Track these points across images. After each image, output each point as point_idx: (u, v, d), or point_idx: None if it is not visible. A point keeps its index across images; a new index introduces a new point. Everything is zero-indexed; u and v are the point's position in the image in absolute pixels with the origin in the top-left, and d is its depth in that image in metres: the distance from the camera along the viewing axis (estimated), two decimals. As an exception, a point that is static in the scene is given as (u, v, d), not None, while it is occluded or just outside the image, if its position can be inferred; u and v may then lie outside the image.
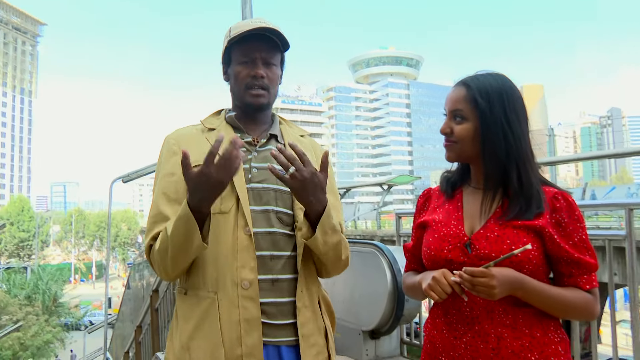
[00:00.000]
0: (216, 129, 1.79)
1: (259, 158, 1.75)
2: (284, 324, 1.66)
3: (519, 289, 1.46)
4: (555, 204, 1.53)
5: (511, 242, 1.50)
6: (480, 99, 1.56)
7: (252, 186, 1.70)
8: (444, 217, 1.67)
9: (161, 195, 1.69)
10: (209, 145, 1.62)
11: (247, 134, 1.80)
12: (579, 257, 1.49)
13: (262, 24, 1.72)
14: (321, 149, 1.86)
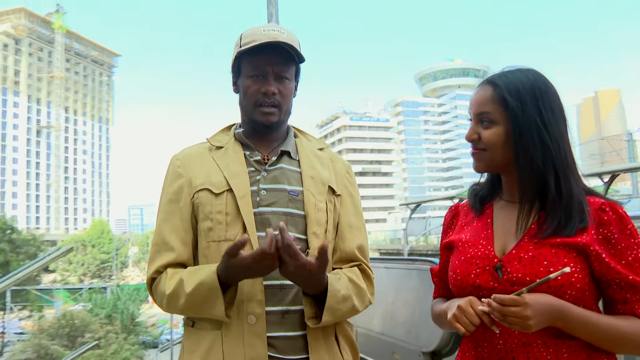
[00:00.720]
0: (224, 146, 1.70)
1: (268, 179, 1.64)
2: (296, 359, 1.54)
3: (559, 318, 1.27)
4: (602, 216, 1.33)
5: (548, 263, 1.31)
6: (509, 98, 1.40)
7: (260, 210, 1.59)
8: (472, 236, 1.50)
9: (165, 223, 1.62)
10: (215, 166, 1.62)
11: (257, 151, 1.69)
12: (635, 280, 1.28)
13: (274, 35, 1.60)
14: (343, 163, 1.80)
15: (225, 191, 1.59)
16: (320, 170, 1.70)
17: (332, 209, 1.67)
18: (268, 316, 1.53)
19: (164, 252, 1.60)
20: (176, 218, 1.62)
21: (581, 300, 1.32)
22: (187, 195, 1.63)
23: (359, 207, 1.79)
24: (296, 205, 1.62)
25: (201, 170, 1.64)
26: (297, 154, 1.73)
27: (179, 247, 1.59)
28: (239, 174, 1.62)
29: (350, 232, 1.70)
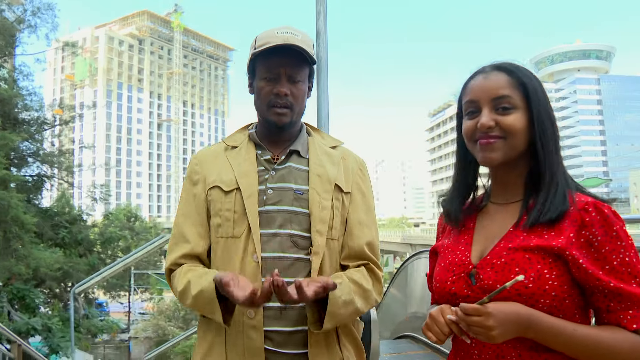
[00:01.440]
0: (238, 146, 1.75)
1: (276, 177, 1.67)
2: (294, 353, 1.57)
3: (528, 328, 1.18)
4: (584, 217, 1.22)
5: (520, 269, 1.22)
6: (529, 82, 1.32)
7: (266, 209, 1.62)
8: (453, 242, 1.44)
9: (182, 217, 1.70)
10: (228, 165, 1.69)
11: (269, 150, 1.73)
12: (617, 287, 1.17)
13: (287, 38, 1.62)
14: (356, 160, 1.80)
15: (234, 189, 1.65)
16: (328, 168, 1.71)
17: (339, 207, 1.67)
18: (266, 311, 1.57)
19: (181, 244, 1.67)
20: (193, 213, 1.69)
21: (560, 310, 1.21)
22: (202, 192, 1.70)
23: (371, 204, 1.78)
24: (301, 203, 1.65)
25: (215, 168, 1.71)
26: (308, 153, 1.75)
27: (195, 240, 1.66)
28: (248, 173, 1.67)
29: (360, 229, 1.70)
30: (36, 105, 19.60)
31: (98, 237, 21.56)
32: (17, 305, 15.43)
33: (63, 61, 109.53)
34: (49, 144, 21.31)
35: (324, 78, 2.72)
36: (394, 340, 7.15)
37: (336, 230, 1.65)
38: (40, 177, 19.77)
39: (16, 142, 16.18)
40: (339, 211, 1.67)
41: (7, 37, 17.87)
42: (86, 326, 18.53)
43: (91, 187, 23.10)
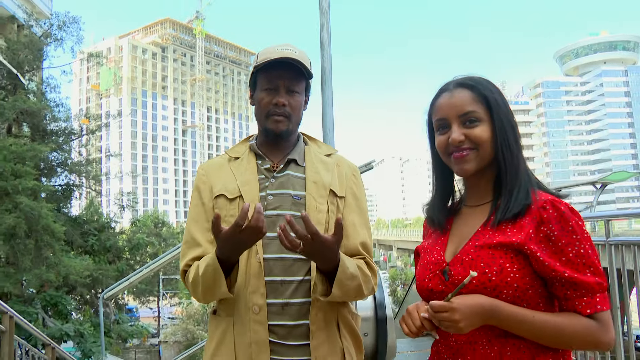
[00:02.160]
0: (240, 157, 1.88)
1: (275, 185, 1.80)
2: (296, 344, 1.70)
3: (491, 317, 1.30)
4: (542, 215, 1.33)
5: (485, 265, 1.34)
6: (490, 95, 1.44)
7: (267, 214, 1.72)
8: (431, 243, 1.56)
9: (193, 222, 1.83)
10: (231, 175, 1.83)
11: (268, 159, 1.86)
12: (571, 277, 1.29)
13: (286, 53, 1.76)
14: (349, 166, 1.93)
15: (237, 197, 1.79)
16: (323, 175, 1.85)
17: (333, 210, 1.81)
18: (269, 307, 1.70)
19: (193, 248, 1.79)
20: (202, 219, 1.82)
21: (523, 299, 1.33)
22: (209, 200, 1.83)
23: (364, 207, 1.91)
24: (298, 208, 1.78)
25: (220, 178, 1.84)
26: (304, 161, 1.88)
27: (205, 244, 1.78)
28: (250, 182, 1.81)
29: (354, 229, 1.82)
30: (63, 116, 20.02)
31: (126, 243, 21.89)
32: (51, 312, 15.80)
33: (88, 71, 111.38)
34: (77, 153, 21.72)
35: (328, 88, 2.81)
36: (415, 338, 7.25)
37: (331, 232, 1.72)
38: (69, 186, 20.18)
39: (45, 152, 16.57)
40: (334, 214, 1.80)
41: (35, 51, 18.32)
42: (117, 331, 18.85)
43: (118, 194, 23.48)
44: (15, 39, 17.77)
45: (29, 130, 18.49)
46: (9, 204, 13.24)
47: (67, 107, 20.99)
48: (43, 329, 13.48)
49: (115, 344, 20.05)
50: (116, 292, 8.34)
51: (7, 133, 16.95)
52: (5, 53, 16.79)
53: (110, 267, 18.68)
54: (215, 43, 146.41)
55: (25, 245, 13.44)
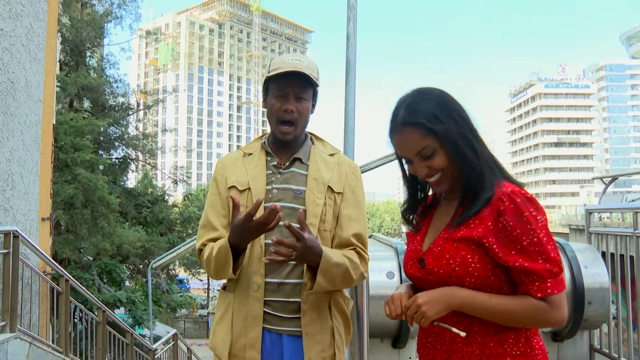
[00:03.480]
0: (253, 153, 2.14)
1: (281, 180, 2.04)
2: (288, 317, 1.95)
3: (451, 301, 1.48)
4: (500, 207, 1.47)
5: (450, 256, 1.51)
6: (434, 126, 1.54)
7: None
8: (414, 231, 1.73)
9: (210, 209, 2.09)
10: (244, 169, 2.08)
11: (276, 157, 2.10)
12: (522, 265, 1.44)
13: (295, 65, 1.99)
14: (350, 165, 2.16)
15: (247, 189, 2.02)
16: (323, 172, 2.06)
17: (331, 204, 2.02)
18: (267, 285, 1.94)
19: (209, 231, 2.05)
20: (218, 205, 2.07)
21: (486, 286, 1.49)
22: (224, 190, 2.07)
23: (360, 202, 2.10)
24: (299, 201, 2.00)
25: (234, 172, 2.08)
26: (309, 159, 2.10)
27: (220, 228, 2.03)
28: (258, 176, 2.04)
29: (349, 222, 2.02)
30: (122, 92, 20.69)
31: (178, 216, 22.56)
32: (105, 279, 16.59)
33: (147, 47, 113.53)
34: (134, 128, 22.39)
35: (352, 79, 2.96)
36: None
37: (328, 223, 2.00)
38: (126, 160, 20.91)
39: (103, 127, 17.25)
40: (331, 208, 2.01)
41: (96, 29, 18.93)
42: (166, 301, 19.59)
43: (173, 168, 24.12)
44: (78, 17, 18.44)
45: (89, 105, 19.25)
46: (68, 176, 13.92)
47: (125, 83, 21.61)
48: (98, 294, 14.22)
49: (164, 313, 20.86)
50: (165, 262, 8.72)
51: (69, 107, 17.71)
52: (69, 31, 17.48)
53: (162, 239, 19.34)
54: (272, 20, 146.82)
55: (82, 215, 14.14)
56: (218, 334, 2.01)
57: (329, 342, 1.97)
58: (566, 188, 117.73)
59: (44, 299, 6.15)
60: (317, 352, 1.93)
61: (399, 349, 4.05)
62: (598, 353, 4.20)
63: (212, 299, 38.31)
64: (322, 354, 1.94)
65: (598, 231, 4.54)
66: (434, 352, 1.59)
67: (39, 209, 6.45)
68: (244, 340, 1.94)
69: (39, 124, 6.47)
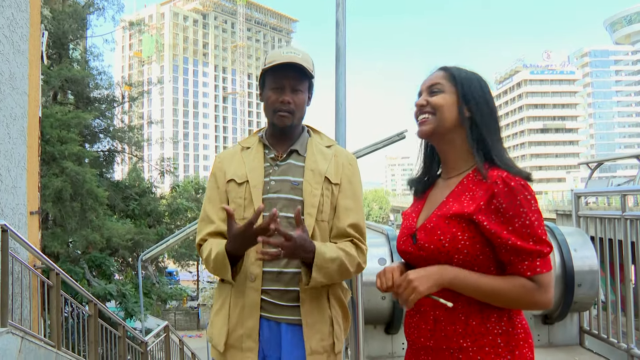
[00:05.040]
0: (250, 147, 2.15)
1: (278, 172, 2.06)
2: (287, 305, 1.96)
3: (442, 277, 1.50)
4: (493, 189, 1.50)
5: (441, 232, 1.54)
6: (458, 75, 1.65)
7: (269, 196, 2.01)
8: (411, 210, 1.79)
9: (208, 202, 2.11)
10: (242, 162, 2.10)
11: (274, 149, 2.12)
12: (514, 243, 1.46)
13: (291, 57, 2.01)
14: (347, 156, 2.16)
15: (245, 182, 2.04)
16: (320, 164, 2.08)
17: (328, 195, 2.04)
18: (266, 275, 1.96)
19: (208, 225, 2.08)
20: (217, 200, 2.09)
21: (474, 264, 1.53)
22: (222, 184, 2.09)
23: (357, 192, 2.12)
24: (296, 192, 2.02)
25: (232, 165, 2.10)
26: (306, 151, 2.12)
27: (218, 221, 2.05)
28: (256, 169, 2.06)
29: (345, 212, 2.04)
30: (106, 84, 20.48)
31: (166, 208, 22.46)
32: (95, 273, 16.50)
33: (130, 39, 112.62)
34: (119, 120, 22.22)
35: (342, 65, 2.94)
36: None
37: (325, 214, 2.02)
38: (112, 152, 20.75)
39: (88, 120, 17.09)
40: (328, 198, 2.03)
41: (78, 20, 18.69)
42: (156, 293, 19.54)
43: (159, 160, 24.00)
44: (60, 9, 18.20)
45: (73, 97, 19.06)
46: (55, 169, 13.81)
47: (109, 74, 21.39)
48: (88, 287, 14.16)
49: (155, 305, 20.82)
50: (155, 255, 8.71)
51: (53, 100, 17.53)
52: (51, 23, 17.26)
53: (151, 231, 19.25)
54: (256, 9, 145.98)
55: (72, 208, 14.04)
56: (215, 324, 2.03)
57: (328, 331, 1.99)
58: (553, 174, 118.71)
59: (34, 293, 6.12)
60: (317, 341, 1.95)
61: (392, 335, 4.08)
62: (588, 334, 4.25)
63: (202, 290, 38.29)
64: (322, 343, 1.96)
65: (586, 214, 4.59)
66: (418, 332, 1.62)
67: (27, 203, 6.40)
68: (240, 330, 1.95)
69: (25, 116, 6.40)
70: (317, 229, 1.98)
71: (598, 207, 25.17)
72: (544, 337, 4.22)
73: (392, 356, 4.05)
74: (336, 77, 2.98)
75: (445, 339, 1.54)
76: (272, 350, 1.96)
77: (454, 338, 1.52)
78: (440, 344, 1.55)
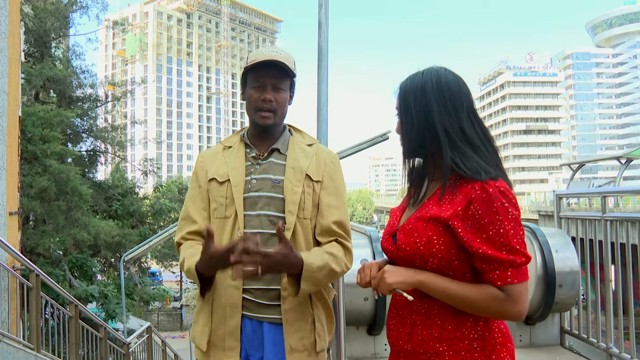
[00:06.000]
0: (232, 146, 2.15)
1: (259, 170, 2.06)
2: (268, 304, 1.95)
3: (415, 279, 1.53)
4: (471, 194, 1.48)
5: (417, 234, 1.55)
6: (400, 100, 1.66)
7: (249, 195, 2.01)
8: (397, 209, 1.80)
9: (190, 202, 2.12)
10: (224, 161, 2.10)
11: (255, 148, 2.11)
12: (485, 252, 1.45)
13: (272, 55, 2.01)
14: (328, 154, 2.17)
15: (226, 180, 2.04)
16: (301, 162, 2.08)
17: (310, 192, 2.03)
18: None
19: (189, 224, 2.08)
20: (198, 199, 2.09)
21: (449, 269, 1.53)
22: (204, 183, 2.09)
23: (340, 189, 2.12)
24: (277, 190, 2.01)
25: (214, 165, 2.10)
26: (287, 150, 2.11)
27: (199, 220, 2.06)
28: (237, 168, 2.06)
29: (329, 210, 2.04)
30: (89, 83, 20.35)
31: (149, 209, 22.34)
32: (77, 274, 16.35)
33: (114, 38, 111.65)
34: (102, 119, 22.06)
35: (324, 66, 2.93)
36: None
37: (307, 211, 2.01)
38: (95, 152, 20.62)
39: (71, 118, 16.93)
40: (310, 196, 2.03)
41: (61, 19, 18.54)
42: (139, 294, 19.41)
43: (143, 160, 23.86)
44: (42, 7, 18.01)
45: (55, 96, 18.87)
46: (38, 167, 13.67)
47: (92, 74, 21.26)
48: (69, 289, 14.01)
49: (137, 306, 20.66)
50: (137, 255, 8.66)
51: (35, 99, 17.34)
52: (33, 21, 17.07)
53: (133, 232, 19.14)
54: (240, 9, 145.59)
55: (58, 207, 13.92)
56: (197, 324, 2.03)
57: (310, 329, 1.98)
58: (535, 175, 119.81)
59: (13, 295, 6.02)
60: (298, 339, 1.94)
61: (374, 336, 4.08)
62: (568, 334, 4.29)
63: (185, 291, 38.09)
64: (303, 341, 1.95)
65: (568, 215, 4.63)
66: (397, 335, 1.62)
67: (6, 203, 6.31)
68: (222, 329, 1.95)
69: (4, 115, 6.30)
70: (299, 226, 1.98)
71: (580, 208, 25.46)
72: (526, 338, 4.25)
73: (374, 357, 4.04)
74: (318, 78, 2.98)
75: (422, 343, 1.54)
76: (255, 349, 1.96)
77: (430, 342, 1.53)
78: (417, 348, 1.56)
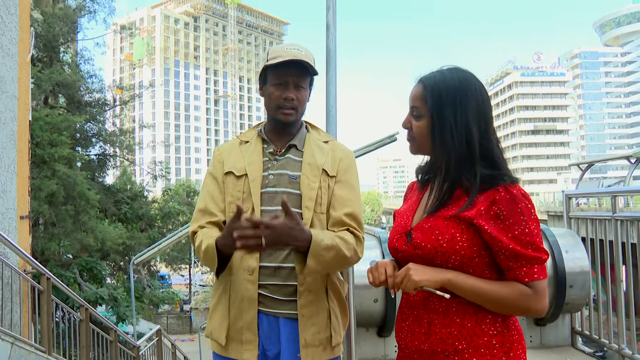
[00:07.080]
0: (249, 141, 2.17)
1: (277, 166, 2.08)
2: (285, 300, 1.97)
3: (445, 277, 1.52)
4: (495, 196, 1.52)
5: (439, 232, 1.55)
6: (430, 99, 1.61)
7: (267, 190, 2.04)
8: (405, 209, 1.77)
9: (207, 193, 2.12)
10: (241, 156, 2.12)
11: (273, 144, 2.14)
12: (514, 249, 1.49)
13: (294, 54, 2.02)
14: (343, 151, 2.19)
15: (244, 175, 2.06)
16: (318, 158, 2.10)
17: (326, 187, 2.06)
18: (263, 269, 1.98)
19: (205, 215, 2.08)
20: (215, 191, 2.10)
21: (470, 266, 1.54)
22: (221, 176, 2.10)
23: (354, 184, 2.13)
24: (294, 186, 2.04)
25: (231, 158, 2.12)
26: (304, 146, 2.13)
27: (216, 212, 2.06)
28: (254, 163, 2.08)
29: (341, 202, 2.05)
30: (97, 87, 20.46)
31: (158, 212, 22.43)
32: (86, 277, 16.42)
33: (122, 42, 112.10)
34: (111, 123, 22.15)
35: (333, 68, 2.94)
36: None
37: (324, 206, 2.03)
38: (104, 156, 20.72)
39: (79, 123, 17.03)
40: (326, 190, 2.05)
41: (69, 23, 18.64)
42: (148, 297, 19.48)
43: (151, 164, 23.95)
44: (50, 12, 18.13)
45: (64, 101, 18.98)
46: (47, 171, 13.75)
47: (100, 78, 21.40)
48: (79, 292, 14.08)
49: (147, 309, 20.73)
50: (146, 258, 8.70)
51: (44, 104, 17.45)
52: (41, 26, 17.18)
53: (142, 235, 19.23)
54: (247, 12, 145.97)
55: (67, 211, 13.99)
56: (214, 319, 2.04)
57: (325, 324, 1.99)
58: (544, 175, 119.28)
59: (25, 298, 6.07)
60: (313, 333, 1.95)
61: (384, 338, 4.08)
62: (579, 335, 4.26)
63: (194, 294, 38.17)
64: (318, 336, 1.96)
65: (577, 215, 4.61)
66: (412, 336, 1.61)
67: (17, 207, 6.35)
68: (240, 322, 1.97)
69: (15, 120, 6.35)
70: (316, 221, 1.99)
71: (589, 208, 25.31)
72: (536, 339, 4.23)
73: (384, 359, 4.04)
74: (327, 80, 2.99)
75: (441, 342, 1.54)
76: (272, 344, 1.97)
77: (449, 341, 1.53)
78: (436, 347, 1.56)
